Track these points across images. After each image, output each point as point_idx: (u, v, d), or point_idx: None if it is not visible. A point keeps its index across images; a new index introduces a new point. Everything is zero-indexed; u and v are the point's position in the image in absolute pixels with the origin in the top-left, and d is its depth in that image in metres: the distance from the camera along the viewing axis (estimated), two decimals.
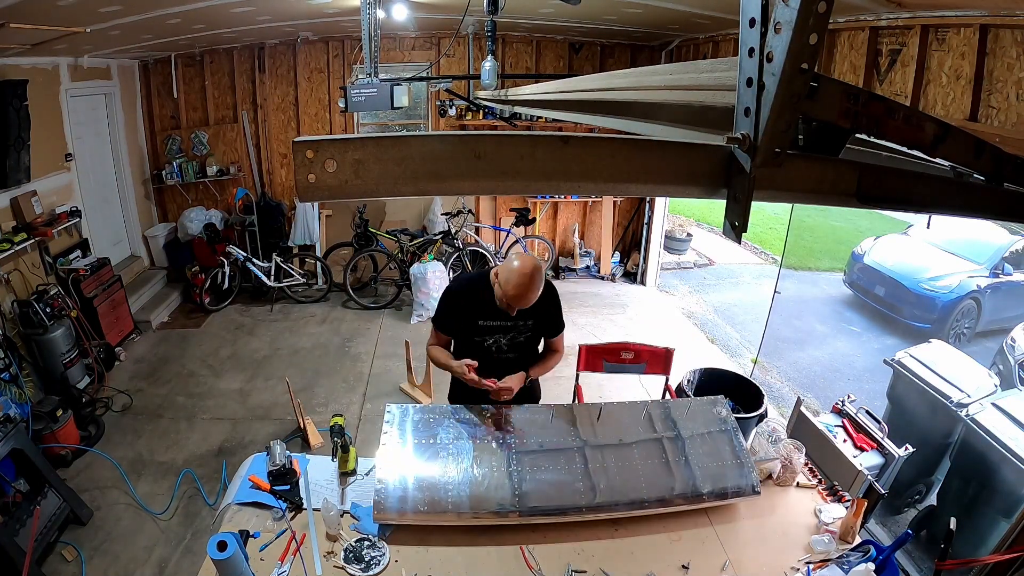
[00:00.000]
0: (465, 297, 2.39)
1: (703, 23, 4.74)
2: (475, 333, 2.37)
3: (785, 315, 6.03)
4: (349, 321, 6.03)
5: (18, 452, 3.04)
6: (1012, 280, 5.91)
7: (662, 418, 2.38)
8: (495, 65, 3.74)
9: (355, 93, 3.60)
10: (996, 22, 2.23)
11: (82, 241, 5.18)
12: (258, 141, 6.66)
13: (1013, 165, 1.04)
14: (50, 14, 3.39)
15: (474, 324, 2.35)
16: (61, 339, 4.31)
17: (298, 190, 0.79)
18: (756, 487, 2.15)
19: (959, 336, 5.85)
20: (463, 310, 2.36)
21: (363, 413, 4.47)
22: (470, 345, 2.40)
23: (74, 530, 3.26)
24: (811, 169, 0.94)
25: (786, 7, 0.71)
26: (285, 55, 6.42)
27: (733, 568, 1.94)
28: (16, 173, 4.28)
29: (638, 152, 0.88)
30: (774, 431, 2.53)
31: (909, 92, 2.64)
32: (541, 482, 2.09)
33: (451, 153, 0.82)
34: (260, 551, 1.93)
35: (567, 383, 3.48)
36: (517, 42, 6.58)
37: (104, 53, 5.28)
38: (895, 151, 1.10)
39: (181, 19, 4.40)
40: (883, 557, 1.91)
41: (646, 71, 1.31)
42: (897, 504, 3.48)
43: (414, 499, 2.01)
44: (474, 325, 2.35)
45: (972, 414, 3.04)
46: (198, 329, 5.80)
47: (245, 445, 4.04)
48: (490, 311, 2.32)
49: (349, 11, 4.84)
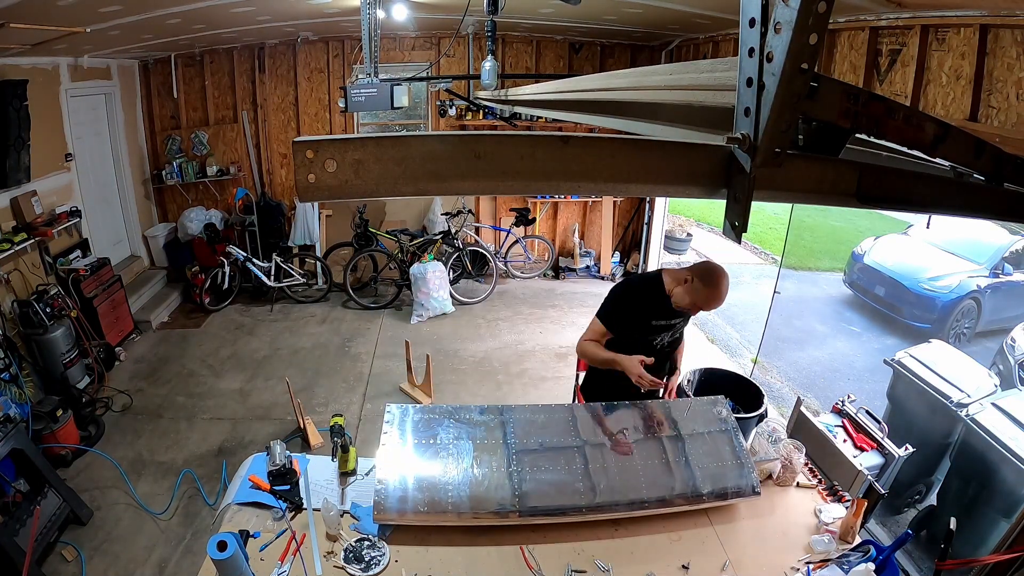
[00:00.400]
0: (641, 297, 2.45)
1: (703, 23, 4.74)
2: (647, 332, 2.45)
3: (785, 315, 6.03)
4: (349, 321, 6.03)
5: (18, 452, 3.04)
6: (1012, 280, 5.91)
7: (662, 418, 2.38)
8: (495, 65, 3.74)
9: (355, 93, 3.60)
10: (996, 22, 2.23)
11: (82, 241, 5.18)
12: (258, 141, 6.66)
13: (1013, 165, 1.04)
14: (50, 14, 3.39)
15: (647, 324, 2.43)
16: (61, 339, 4.31)
17: (298, 190, 0.79)
18: (756, 487, 2.15)
19: (959, 336, 5.85)
20: (638, 309, 2.43)
21: (363, 413, 4.47)
22: (638, 343, 2.44)
23: (74, 530, 3.26)
24: (811, 169, 0.94)
25: (786, 7, 0.71)
26: (285, 55, 6.42)
27: (733, 568, 1.94)
28: (16, 173, 4.28)
29: (638, 152, 0.89)
30: (774, 431, 2.53)
31: (909, 92, 2.64)
32: (541, 482, 2.09)
33: (451, 153, 0.82)
34: (260, 551, 1.93)
35: (567, 383, 3.49)
36: (517, 42, 6.58)
37: (104, 53, 5.28)
38: (895, 151, 1.10)
39: (181, 19, 4.40)
40: (883, 557, 1.91)
41: (646, 71, 1.31)
42: (897, 504, 3.48)
43: (414, 499, 2.01)
44: (647, 325, 2.43)
45: (972, 414, 3.04)
46: (198, 329, 5.80)
47: (245, 445, 4.04)
48: (662, 311, 2.41)
49: (349, 11, 4.84)
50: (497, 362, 5.23)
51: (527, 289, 6.95)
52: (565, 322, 6.01)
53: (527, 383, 4.91)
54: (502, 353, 5.38)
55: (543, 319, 6.09)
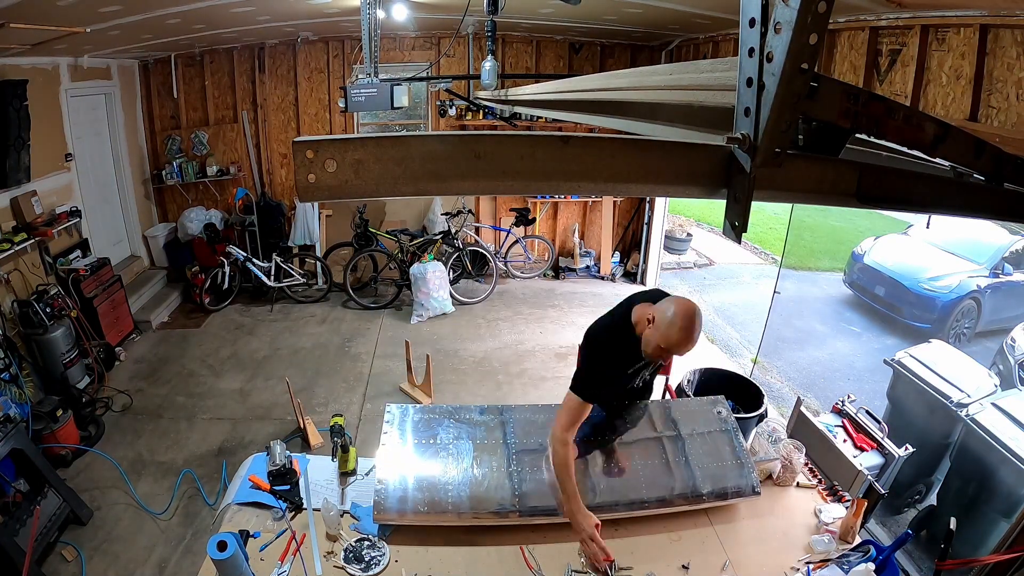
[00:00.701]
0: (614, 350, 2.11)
1: (703, 23, 4.74)
2: (626, 382, 2.22)
3: (785, 315, 6.03)
4: (349, 321, 6.03)
5: (18, 452, 3.04)
6: (1012, 280, 5.91)
7: (662, 418, 2.38)
8: (495, 65, 3.74)
9: (355, 93, 3.60)
10: (996, 22, 2.23)
11: (82, 241, 5.18)
12: (258, 141, 6.66)
13: (1013, 165, 1.04)
14: (50, 14, 3.39)
15: (624, 375, 2.16)
16: (61, 339, 4.31)
17: (298, 190, 0.79)
18: (756, 487, 2.15)
19: (959, 336, 5.84)
20: (613, 366, 2.12)
21: (363, 413, 4.47)
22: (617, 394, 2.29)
23: (74, 530, 3.26)
24: (811, 169, 0.94)
25: (786, 7, 0.71)
26: (285, 55, 6.42)
27: (733, 568, 1.94)
28: (16, 173, 4.28)
29: (638, 152, 0.88)
30: (774, 431, 2.54)
31: (909, 92, 2.64)
32: (541, 482, 2.09)
33: (451, 153, 0.82)
34: (260, 551, 1.93)
35: (567, 383, 3.47)
36: (517, 42, 6.58)
37: (104, 53, 5.28)
38: (895, 151, 1.10)
39: (181, 19, 4.40)
40: (883, 557, 1.91)
41: (646, 71, 1.31)
42: (897, 504, 3.48)
43: (414, 499, 2.01)
44: (624, 376, 2.17)
45: (972, 414, 3.04)
46: (198, 329, 5.80)
47: (245, 445, 4.04)
48: (635, 355, 2.07)
49: (349, 11, 4.84)
50: (497, 362, 5.23)
51: (527, 289, 6.95)
52: (565, 322, 6.02)
53: (527, 383, 4.91)
54: (502, 353, 5.38)
55: (543, 319, 6.09)
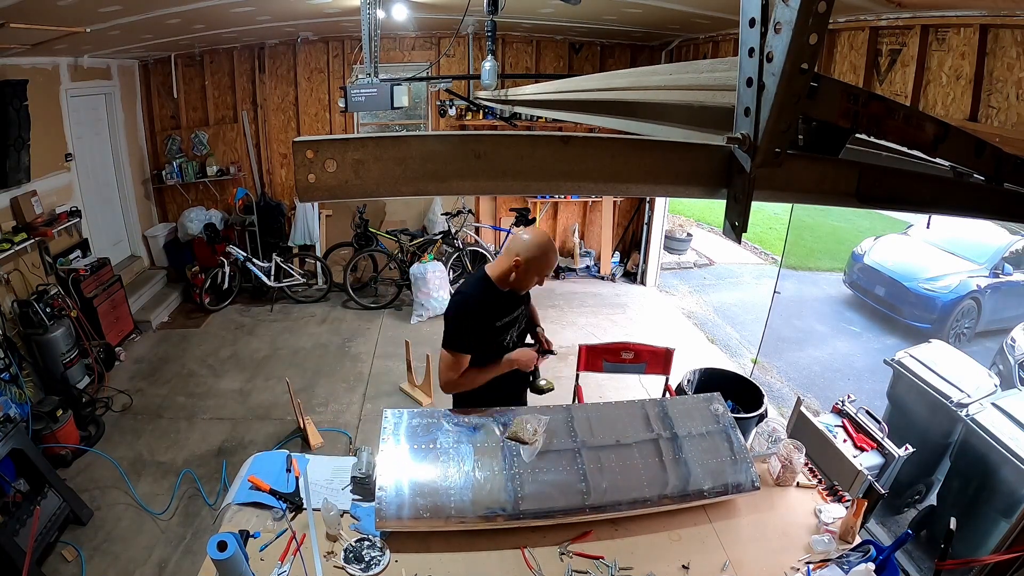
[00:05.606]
0: (477, 304, 2.29)
1: (703, 23, 4.74)
2: (494, 336, 2.33)
3: (785, 315, 6.03)
4: (349, 321, 6.03)
5: (18, 452, 3.04)
6: (1012, 280, 5.91)
7: (659, 416, 2.37)
8: (495, 65, 3.74)
9: (355, 93, 3.60)
10: (996, 22, 2.23)
11: (82, 241, 5.18)
12: (258, 141, 6.66)
13: (1013, 165, 1.04)
14: (50, 14, 3.39)
15: (492, 328, 2.30)
16: (61, 339, 4.30)
17: (298, 190, 0.79)
18: (755, 482, 2.16)
19: (959, 336, 5.84)
20: (480, 318, 2.27)
21: (363, 413, 4.47)
22: (490, 351, 2.35)
23: (74, 530, 3.26)
24: (811, 169, 0.94)
25: (786, 7, 0.71)
26: (285, 55, 6.42)
27: (733, 568, 1.94)
28: (16, 173, 4.28)
29: (638, 152, 0.88)
30: (774, 431, 2.54)
31: (909, 92, 2.64)
32: (542, 483, 2.09)
33: (451, 153, 0.82)
34: (260, 551, 1.93)
35: (567, 383, 3.49)
36: (517, 42, 6.58)
37: (104, 53, 5.28)
38: (895, 151, 1.10)
39: (181, 19, 4.40)
40: (883, 557, 1.91)
41: (646, 71, 1.31)
42: (897, 504, 3.48)
43: (416, 505, 1.99)
44: (492, 329, 2.30)
45: (972, 414, 3.04)
46: (198, 329, 5.80)
47: (245, 445, 4.04)
48: (501, 309, 2.29)
49: (349, 11, 4.84)
50: None
51: None
52: (565, 322, 6.01)
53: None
54: None
55: (542, 319, 6.03)
